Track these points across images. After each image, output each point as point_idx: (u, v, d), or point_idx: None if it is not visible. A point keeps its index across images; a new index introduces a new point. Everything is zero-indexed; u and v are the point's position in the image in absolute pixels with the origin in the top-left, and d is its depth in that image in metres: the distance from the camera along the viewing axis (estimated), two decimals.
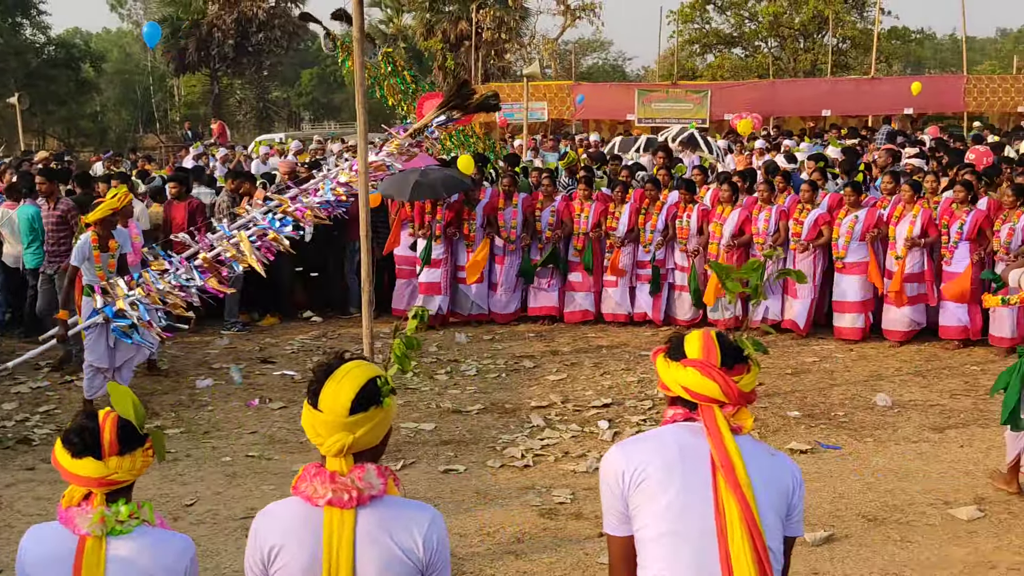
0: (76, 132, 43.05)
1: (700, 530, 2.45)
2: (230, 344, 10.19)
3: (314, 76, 52.43)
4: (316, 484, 2.33)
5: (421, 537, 2.34)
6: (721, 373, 2.52)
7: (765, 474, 2.51)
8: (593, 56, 60.96)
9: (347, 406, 2.32)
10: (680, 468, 2.49)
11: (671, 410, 2.63)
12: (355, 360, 2.41)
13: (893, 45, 39.36)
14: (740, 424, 2.54)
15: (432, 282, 10.61)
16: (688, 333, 2.65)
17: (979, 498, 5.91)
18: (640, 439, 2.62)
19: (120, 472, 2.43)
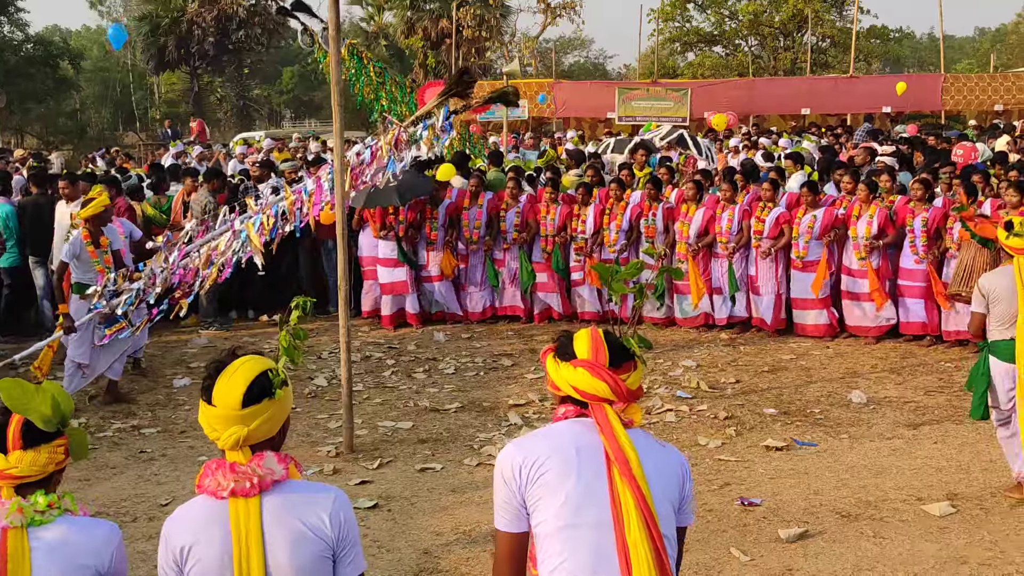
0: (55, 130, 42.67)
1: (597, 522, 2.51)
2: (208, 343, 10.15)
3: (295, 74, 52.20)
4: (219, 477, 2.39)
5: (327, 515, 2.41)
6: (610, 373, 2.59)
7: (658, 465, 2.59)
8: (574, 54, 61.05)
9: (239, 399, 2.40)
10: (576, 463, 2.55)
11: (562, 407, 2.70)
12: (248, 355, 2.47)
13: (872, 44, 39.53)
14: (631, 418, 2.61)
15: (397, 282, 10.56)
16: (576, 333, 2.71)
17: (951, 494, 5.96)
18: (535, 436, 2.68)
19: (22, 466, 2.45)
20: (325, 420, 7.66)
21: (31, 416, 2.45)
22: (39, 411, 2.45)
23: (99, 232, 7.83)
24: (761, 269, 9.85)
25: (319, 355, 9.61)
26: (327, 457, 6.81)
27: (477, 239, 10.53)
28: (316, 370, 9.07)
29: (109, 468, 6.72)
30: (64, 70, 42.54)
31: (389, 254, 10.49)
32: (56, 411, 2.47)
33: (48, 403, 2.46)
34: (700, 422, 7.47)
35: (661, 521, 2.52)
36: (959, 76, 29.06)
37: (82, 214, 7.85)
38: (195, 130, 25.71)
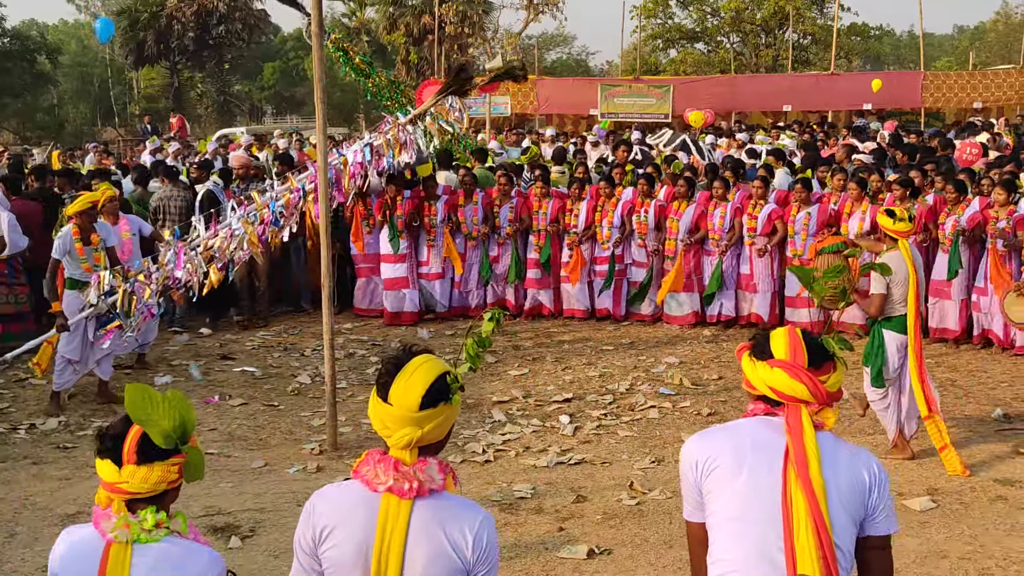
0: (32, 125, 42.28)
1: (765, 518, 2.51)
2: (189, 341, 10.09)
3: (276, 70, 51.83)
4: (379, 470, 2.35)
5: (472, 535, 2.36)
6: (809, 374, 2.57)
7: (841, 473, 2.55)
8: (557, 51, 61.01)
9: (417, 401, 2.35)
10: (749, 458, 2.56)
11: (752, 404, 2.70)
12: (424, 354, 2.43)
13: (853, 41, 39.71)
14: (822, 421, 2.60)
15: (398, 277, 10.57)
16: (773, 331, 2.69)
17: (932, 489, 6.02)
18: (716, 429, 2.70)
19: (133, 482, 2.37)
20: (308, 418, 7.64)
21: (150, 429, 2.36)
22: (160, 425, 2.37)
23: (90, 229, 7.77)
24: (757, 267, 9.91)
25: (302, 352, 9.58)
26: (311, 455, 6.79)
27: (476, 235, 10.53)
28: (299, 368, 9.04)
29: (90, 467, 6.66)
30: (41, 65, 42.14)
31: (391, 249, 10.49)
32: (178, 427, 2.39)
33: (171, 416, 2.38)
34: (683, 418, 7.50)
35: (835, 531, 2.47)
36: (938, 73, 29.23)
37: (70, 210, 7.81)
38: (175, 126, 25.52)
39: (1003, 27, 54.96)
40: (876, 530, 2.57)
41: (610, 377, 8.56)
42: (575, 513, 5.73)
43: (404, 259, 10.55)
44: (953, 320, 9.30)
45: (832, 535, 2.46)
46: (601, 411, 7.66)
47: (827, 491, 2.49)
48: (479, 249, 10.67)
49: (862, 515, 2.57)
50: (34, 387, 8.51)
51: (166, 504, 2.46)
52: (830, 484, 2.50)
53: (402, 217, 10.40)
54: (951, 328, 9.34)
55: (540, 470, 6.46)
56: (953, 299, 9.25)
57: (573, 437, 7.12)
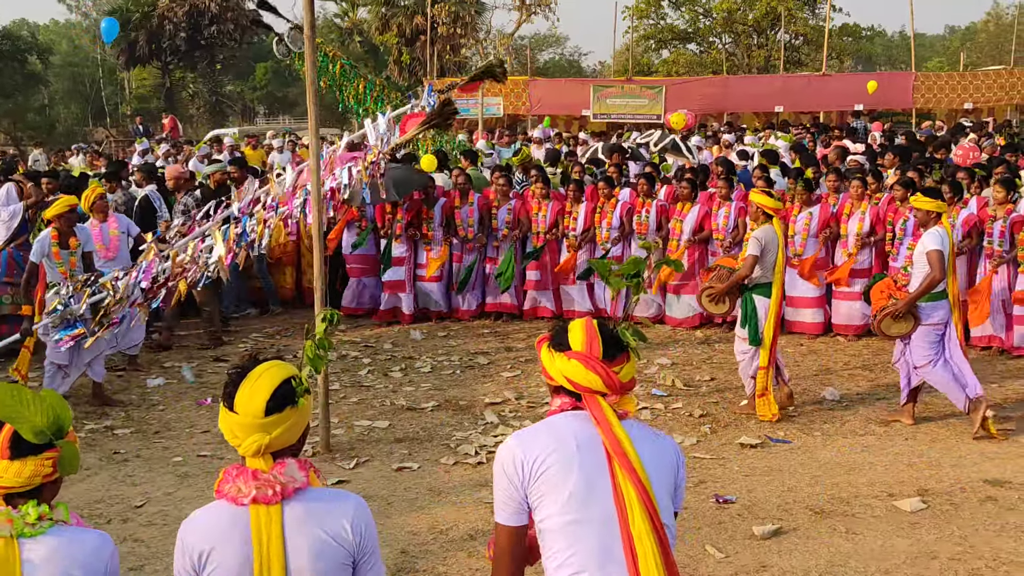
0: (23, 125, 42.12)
1: (601, 516, 2.53)
2: (178, 343, 10.07)
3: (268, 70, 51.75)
4: (239, 484, 2.37)
5: (349, 523, 2.40)
6: (603, 365, 2.60)
7: (654, 455, 2.61)
8: (549, 51, 61.03)
9: (262, 407, 2.37)
10: (578, 458, 2.56)
11: (557, 399, 2.71)
12: (270, 360, 2.45)
13: (844, 42, 39.86)
14: (625, 410, 2.64)
15: (397, 280, 10.59)
16: (571, 323, 2.72)
17: (922, 490, 6.05)
18: (535, 430, 2.67)
19: (7, 476, 2.38)
20: None
21: (19, 426, 2.38)
22: (31, 422, 2.37)
23: (69, 232, 7.74)
24: None
25: (294, 354, 9.57)
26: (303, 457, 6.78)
27: (472, 236, 10.54)
28: None
29: (82, 469, 6.66)
30: (32, 65, 42.01)
31: (394, 253, 10.52)
32: (52, 423, 2.40)
33: (44, 414, 2.39)
34: (675, 420, 7.52)
35: (662, 511, 2.54)
36: (930, 74, 29.33)
37: (48, 214, 7.77)
38: (167, 126, 25.48)
39: (994, 28, 55.17)
40: (676, 506, 2.69)
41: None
42: None
43: (403, 263, 10.57)
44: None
45: (662, 516, 2.53)
46: None
47: (648, 474, 2.54)
48: (475, 252, 10.67)
49: (672, 493, 2.66)
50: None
51: (46, 498, 2.46)
52: (648, 467, 2.56)
53: (401, 223, 10.41)
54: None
55: None
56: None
57: None
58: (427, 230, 10.55)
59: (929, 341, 7.07)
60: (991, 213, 9.01)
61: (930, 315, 7.05)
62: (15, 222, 9.56)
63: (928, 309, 7.04)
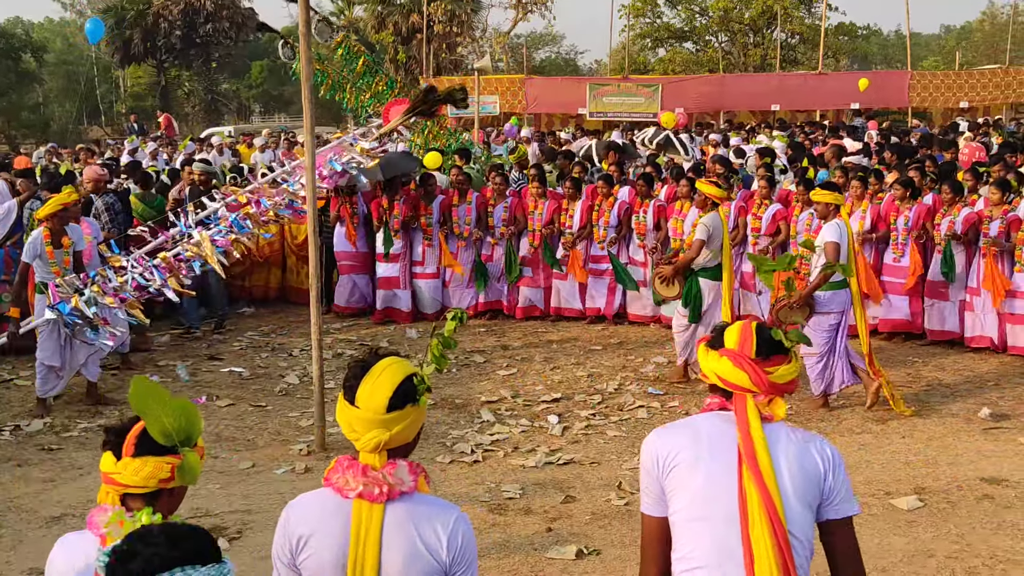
0: (18, 124, 42.05)
1: (724, 515, 2.52)
2: (172, 341, 10.03)
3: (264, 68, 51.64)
4: (348, 476, 2.35)
5: (446, 534, 2.35)
6: (752, 363, 2.60)
7: (794, 462, 2.56)
8: (545, 50, 61.00)
9: (385, 403, 2.34)
10: (708, 455, 2.57)
11: (710, 398, 2.73)
12: (390, 356, 2.43)
13: (840, 41, 39.89)
14: (771, 413, 2.61)
15: (391, 276, 10.55)
16: (732, 324, 2.73)
17: (919, 488, 6.04)
18: (675, 426, 2.71)
19: (125, 473, 2.37)
20: (296, 418, 7.61)
21: (150, 423, 2.35)
22: (160, 422, 2.35)
23: (61, 232, 7.68)
24: None
25: (290, 353, 9.54)
26: (299, 455, 6.76)
27: (468, 235, 10.52)
28: (287, 368, 9.00)
29: (75, 468, 6.63)
30: (27, 63, 41.90)
31: (384, 251, 10.48)
32: (181, 429, 2.37)
33: (176, 417, 2.37)
34: (672, 418, 7.49)
35: (789, 522, 2.48)
36: (925, 73, 29.36)
37: (40, 213, 7.72)
38: (163, 125, 25.41)
39: (989, 27, 55.22)
40: (836, 513, 2.58)
41: (599, 377, 8.56)
42: (564, 513, 5.72)
43: (398, 259, 10.54)
44: (953, 323, 9.29)
45: (787, 525, 2.47)
46: (590, 411, 7.66)
47: (779, 481, 2.51)
48: (470, 249, 10.65)
49: (818, 501, 2.57)
50: (18, 388, 8.46)
51: (160, 507, 2.42)
52: (782, 474, 2.52)
53: (399, 217, 10.38)
54: (952, 330, 9.31)
55: (529, 470, 6.45)
56: (951, 300, 9.26)
57: (562, 437, 7.11)
58: (425, 226, 10.52)
59: (823, 328, 7.38)
60: (987, 214, 9.01)
61: (827, 304, 7.37)
62: (10, 219, 9.50)
63: (825, 299, 7.34)
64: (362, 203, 10.74)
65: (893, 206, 9.54)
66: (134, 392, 2.35)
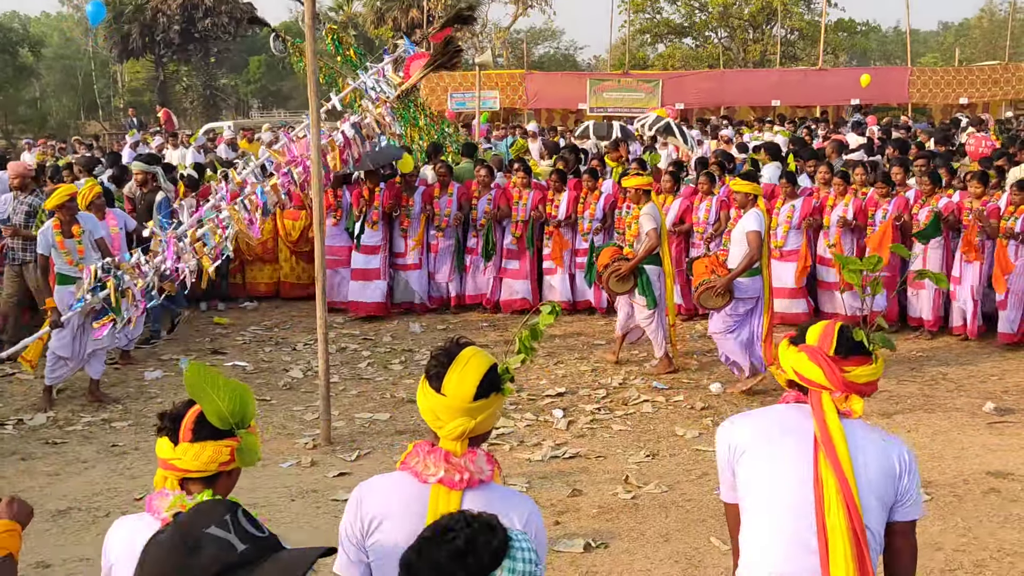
0: (15, 118, 41.97)
1: (796, 503, 2.56)
2: (177, 334, 10.00)
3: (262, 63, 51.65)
4: (429, 461, 2.36)
5: (521, 525, 2.36)
6: (828, 360, 2.64)
7: (870, 457, 2.60)
8: (545, 45, 60.99)
9: (472, 392, 2.37)
10: (779, 443, 2.62)
11: (787, 392, 2.78)
12: (471, 346, 2.46)
13: (840, 37, 39.88)
14: (849, 409, 2.64)
15: (369, 268, 10.48)
16: (818, 322, 2.77)
17: (925, 482, 6.02)
18: (749, 414, 2.78)
19: (185, 459, 2.38)
20: (301, 412, 7.60)
21: (205, 408, 2.37)
22: (216, 405, 2.37)
23: (70, 221, 7.69)
24: None
25: (293, 347, 9.53)
26: (304, 449, 6.75)
27: (445, 226, 10.50)
28: (291, 362, 8.99)
29: (80, 462, 6.62)
30: (24, 57, 41.82)
31: (366, 240, 10.44)
32: (237, 411, 2.39)
33: (230, 400, 2.38)
34: (677, 412, 7.50)
35: (865, 512, 2.51)
36: (925, 69, 29.37)
37: (49, 204, 7.74)
38: (162, 120, 25.37)
39: (988, 24, 55.27)
40: (904, 515, 2.63)
41: (602, 371, 8.55)
42: (571, 507, 5.72)
43: (377, 251, 10.48)
44: (928, 310, 9.36)
45: (863, 515, 2.51)
46: (594, 405, 7.65)
47: (856, 473, 2.54)
48: (451, 239, 10.62)
49: (892, 500, 2.61)
50: (20, 382, 8.44)
51: (219, 489, 2.44)
52: (859, 467, 2.56)
53: (378, 208, 10.34)
54: (927, 318, 9.39)
55: (535, 464, 6.45)
56: (927, 288, 9.31)
57: (567, 431, 7.10)
58: (405, 218, 10.49)
59: (737, 313, 7.74)
60: (967, 206, 9.07)
61: (745, 289, 7.68)
62: (5, 211, 9.47)
63: (744, 284, 7.66)
64: (346, 195, 10.69)
65: (872, 200, 9.59)
66: (190, 378, 2.37)
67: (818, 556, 2.50)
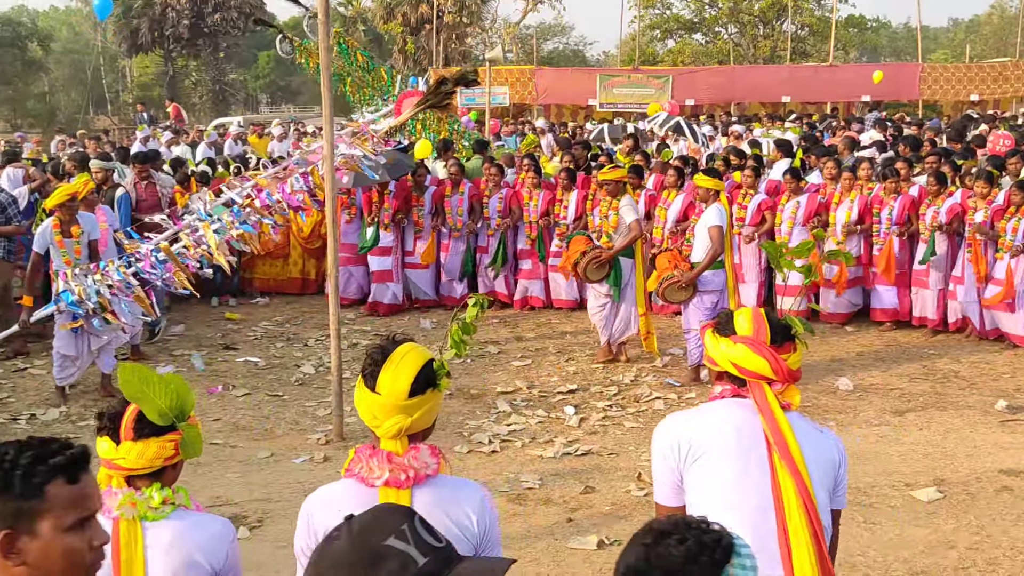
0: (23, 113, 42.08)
1: (756, 506, 2.50)
2: (185, 332, 10.01)
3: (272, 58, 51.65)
4: (372, 464, 2.35)
5: (475, 514, 2.36)
6: (771, 351, 2.58)
7: (815, 450, 2.57)
8: (554, 41, 60.89)
9: (406, 389, 2.36)
10: (737, 445, 2.55)
11: (719, 385, 2.70)
12: (407, 342, 2.44)
13: (850, 33, 39.79)
14: (789, 401, 2.61)
15: (384, 270, 10.51)
16: (737, 310, 2.71)
17: (939, 480, 6.03)
18: (693, 414, 2.69)
19: (130, 457, 2.40)
20: (314, 408, 7.62)
21: (144, 407, 2.39)
22: (155, 403, 2.39)
23: (71, 221, 7.67)
24: (745, 256, 9.87)
25: (305, 343, 9.55)
26: (317, 445, 6.77)
27: (461, 226, 10.50)
28: (302, 358, 9.01)
29: (95, 458, 6.62)
30: (32, 52, 41.91)
31: (382, 243, 10.46)
32: (175, 406, 2.41)
33: (168, 396, 2.40)
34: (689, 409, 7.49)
35: (820, 508, 2.50)
36: (936, 66, 29.26)
37: (49, 203, 7.73)
38: (172, 114, 25.43)
39: (998, 20, 55.00)
40: (836, 504, 2.63)
41: (614, 368, 8.55)
42: (583, 504, 5.73)
43: (390, 252, 10.49)
44: (932, 309, 9.35)
45: (820, 513, 2.49)
46: (606, 402, 7.65)
47: (808, 468, 2.51)
48: (463, 240, 10.63)
49: (831, 491, 2.61)
50: (33, 377, 8.48)
51: (167, 482, 2.47)
52: (809, 462, 2.52)
53: (388, 211, 10.34)
54: (930, 317, 9.38)
55: (547, 460, 6.46)
56: (931, 288, 9.29)
57: (579, 428, 7.11)
58: (417, 218, 10.49)
59: (705, 307, 7.87)
60: (972, 205, 9.04)
61: (709, 283, 7.87)
62: (21, 205, 9.50)
63: (707, 277, 7.84)
64: (359, 194, 10.69)
65: (878, 197, 9.56)
66: (123, 378, 2.39)
67: (781, 565, 2.44)
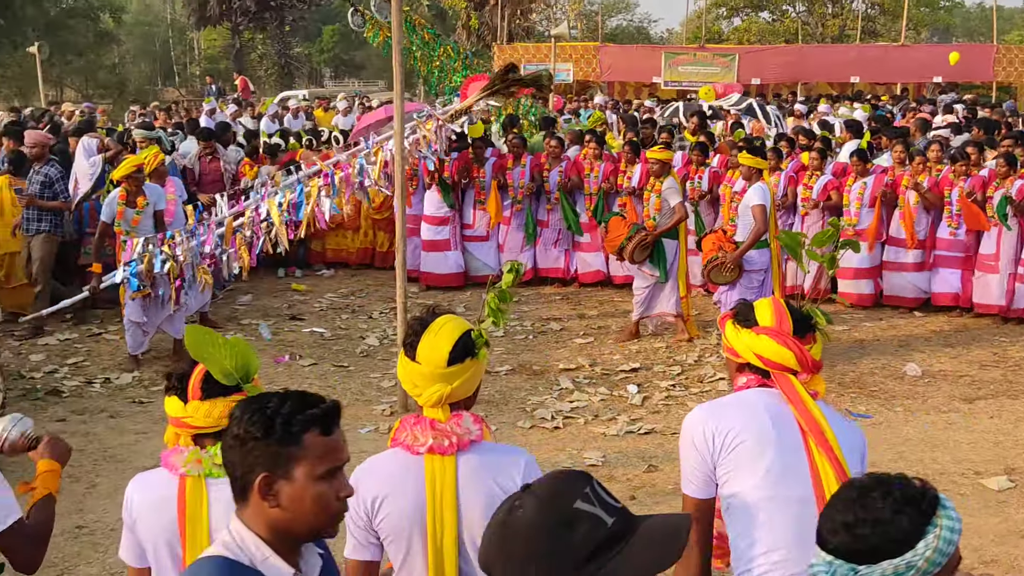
0: (95, 83, 42.93)
1: (799, 496, 2.48)
2: (256, 299, 10.20)
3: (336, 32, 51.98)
4: (416, 432, 2.41)
5: (520, 478, 2.39)
6: (795, 341, 2.56)
7: (847, 439, 2.56)
8: (618, 17, 60.32)
9: (445, 358, 2.41)
10: (774, 434, 2.51)
11: (742, 376, 2.66)
12: (447, 314, 2.50)
13: (922, 12, 38.73)
14: (815, 390, 2.59)
15: (439, 239, 10.53)
16: (757, 301, 2.68)
17: (1010, 469, 5.92)
18: (725, 403, 2.64)
19: (197, 416, 2.46)
20: (378, 379, 7.72)
21: (210, 367, 2.46)
22: (220, 363, 2.46)
23: (137, 191, 7.85)
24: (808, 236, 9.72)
25: (370, 315, 9.66)
26: (382, 415, 6.88)
27: (522, 197, 10.50)
28: (367, 330, 9.12)
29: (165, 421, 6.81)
30: (105, 23, 42.67)
31: (434, 212, 10.49)
32: (240, 367, 2.48)
33: (233, 357, 2.47)
34: None
35: None
36: (1011, 47, 28.35)
37: (116, 174, 7.93)
38: (239, 87, 25.78)
39: None
40: None
41: (677, 348, 8.51)
42: (647, 483, 5.74)
43: (447, 222, 10.49)
44: (998, 295, 9.06)
45: None
46: (669, 382, 7.63)
47: (844, 455, 2.50)
48: (524, 213, 10.62)
49: None
50: (107, 342, 8.71)
51: None
52: (845, 452, 2.51)
53: (449, 178, 10.35)
54: (995, 303, 9.10)
55: (610, 438, 6.47)
56: (1001, 272, 9.02)
57: (642, 407, 7.11)
58: (479, 188, 10.50)
59: (751, 285, 7.88)
60: (997, 186, 8.85)
61: (754, 262, 7.86)
62: (95, 173, 9.70)
63: (752, 256, 7.83)
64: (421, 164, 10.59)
65: (947, 179, 9.32)
66: (190, 339, 2.46)
67: None
